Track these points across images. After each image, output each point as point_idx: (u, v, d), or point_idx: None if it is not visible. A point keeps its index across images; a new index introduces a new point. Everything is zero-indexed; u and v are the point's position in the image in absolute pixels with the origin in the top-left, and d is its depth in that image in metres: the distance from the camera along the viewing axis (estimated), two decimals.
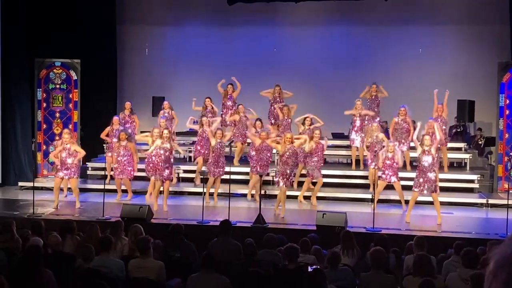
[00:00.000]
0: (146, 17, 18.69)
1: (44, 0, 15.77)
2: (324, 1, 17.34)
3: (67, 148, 12.11)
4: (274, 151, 13.21)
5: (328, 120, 13.85)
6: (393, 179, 12.02)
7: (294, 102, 14.71)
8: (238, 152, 14.40)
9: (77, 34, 16.57)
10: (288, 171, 11.60)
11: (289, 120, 14.09)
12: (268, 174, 13.14)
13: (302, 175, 13.13)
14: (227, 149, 13.59)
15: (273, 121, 14.67)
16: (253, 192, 12.86)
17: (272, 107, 14.77)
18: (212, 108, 14.65)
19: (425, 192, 11.09)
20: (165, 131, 11.98)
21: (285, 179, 11.55)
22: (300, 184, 12.99)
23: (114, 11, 17.99)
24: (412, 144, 13.09)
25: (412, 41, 17.54)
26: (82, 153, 12.36)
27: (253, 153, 12.74)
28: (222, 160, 12.73)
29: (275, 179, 11.98)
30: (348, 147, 14.80)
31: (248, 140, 13.87)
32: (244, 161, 14.38)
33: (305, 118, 13.50)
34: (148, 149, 12.53)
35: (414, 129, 12.17)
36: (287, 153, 11.57)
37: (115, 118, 14.34)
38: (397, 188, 12.19)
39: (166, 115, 14.53)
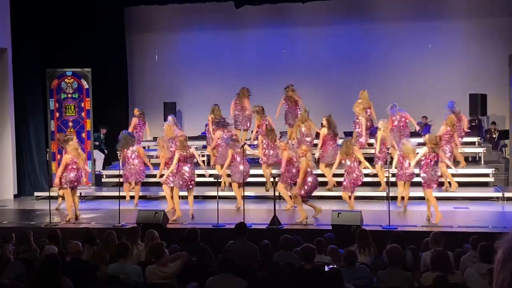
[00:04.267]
0: (155, 24, 18.75)
1: (54, 10, 15.87)
2: (331, 0, 17.29)
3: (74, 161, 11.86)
4: None
5: (339, 119, 13.80)
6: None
7: (305, 102, 14.65)
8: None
9: (87, 43, 16.68)
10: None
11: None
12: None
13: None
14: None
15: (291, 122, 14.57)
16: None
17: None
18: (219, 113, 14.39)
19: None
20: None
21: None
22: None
23: (123, 19, 18.07)
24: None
25: (422, 37, 17.43)
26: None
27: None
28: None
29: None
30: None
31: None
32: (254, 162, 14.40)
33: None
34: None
35: (426, 124, 12.08)
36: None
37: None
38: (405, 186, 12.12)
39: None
